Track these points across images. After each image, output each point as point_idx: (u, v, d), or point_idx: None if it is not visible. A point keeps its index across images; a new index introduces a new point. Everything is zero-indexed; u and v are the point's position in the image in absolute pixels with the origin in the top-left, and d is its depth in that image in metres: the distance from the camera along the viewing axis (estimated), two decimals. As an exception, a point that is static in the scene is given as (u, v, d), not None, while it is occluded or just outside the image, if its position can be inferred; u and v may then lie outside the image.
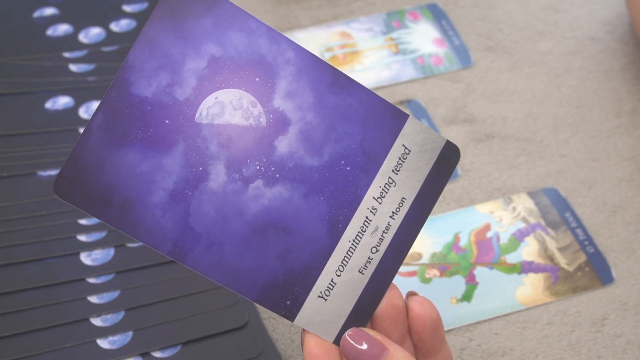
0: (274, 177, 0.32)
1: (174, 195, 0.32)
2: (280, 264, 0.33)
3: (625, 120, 0.56)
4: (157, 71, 0.31)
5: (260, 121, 0.32)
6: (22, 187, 0.52)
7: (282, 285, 0.33)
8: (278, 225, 0.32)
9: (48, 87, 0.57)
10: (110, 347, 0.44)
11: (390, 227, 0.33)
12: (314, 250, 0.33)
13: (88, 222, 0.50)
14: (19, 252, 0.48)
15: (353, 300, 0.33)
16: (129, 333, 0.45)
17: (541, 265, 0.48)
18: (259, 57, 0.32)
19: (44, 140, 0.54)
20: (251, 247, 0.32)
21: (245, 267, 0.32)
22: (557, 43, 0.62)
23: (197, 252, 0.32)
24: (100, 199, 0.31)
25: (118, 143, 0.31)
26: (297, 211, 0.33)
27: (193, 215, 0.32)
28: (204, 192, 0.32)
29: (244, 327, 0.45)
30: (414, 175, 0.33)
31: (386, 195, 0.33)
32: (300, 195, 0.33)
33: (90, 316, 0.46)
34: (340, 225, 0.33)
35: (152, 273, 0.47)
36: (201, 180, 0.32)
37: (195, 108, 0.31)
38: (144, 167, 0.31)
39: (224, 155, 0.32)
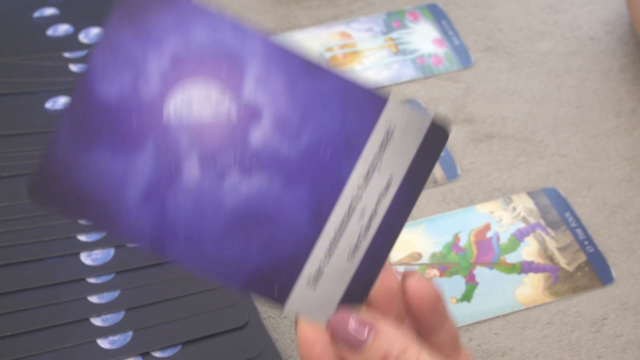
0: (249, 170, 0.32)
1: (148, 194, 0.31)
2: (264, 254, 0.32)
3: (625, 120, 0.56)
4: (120, 73, 0.31)
5: (231, 114, 0.32)
6: (22, 187, 0.51)
7: (269, 275, 0.32)
8: (259, 216, 0.32)
9: (48, 87, 0.57)
10: (110, 347, 0.44)
11: (377, 212, 0.33)
12: (298, 239, 0.32)
13: (88, 222, 0.50)
14: (19, 252, 0.48)
15: (343, 286, 0.33)
16: (129, 333, 0.45)
17: (541, 265, 0.48)
18: (224, 50, 0.31)
19: (44, 140, 0.54)
20: (232, 239, 0.32)
21: (227, 259, 0.32)
22: (557, 43, 0.62)
23: (177, 247, 0.32)
24: (74, 202, 0.31)
25: (86, 147, 0.31)
26: (277, 202, 0.32)
27: (169, 213, 0.32)
28: (178, 190, 0.32)
29: (244, 327, 0.45)
30: (399, 158, 0.32)
31: (371, 180, 0.32)
32: (279, 186, 0.32)
33: (90, 316, 0.46)
34: (324, 213, 0.32)
35: (152, 273, 0.47)
36: (174, 178, 0.31)
37: (162, 107, 0.31)
38: (115, 169, 0.31)
39: (196, 152, 0.32)
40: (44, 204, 0.32)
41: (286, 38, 0.62)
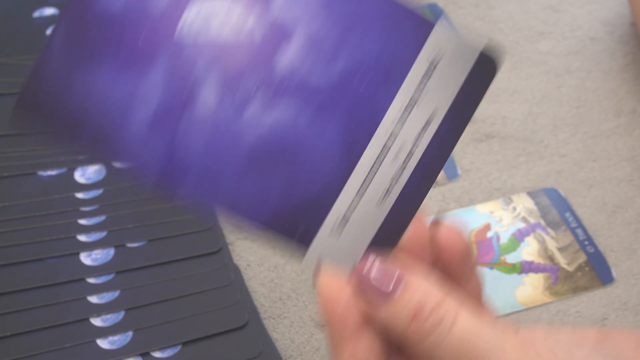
0: (274, 99, 0.28)
1: (156, 122, 0.28)
2: (288, 194, 0.29)
3: (625, 120, 0.56)
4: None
5: (256, 33, 0.28)
6: (22, 187, 0.52)
7: (291, 217, 0.29)
8: (283, 152, 0.28)
9: (48, 87, 0.57)
10: (110, 347, 0.44)
11: (414, 152, 0.29)
12: (326, 178, 0.29)
13: (88, 222, 0.50)
14: (18, 252, 0.48)
15: (371, 233, 0.29)
16: (128, 333, 0.45)
17: (541, 265, 0.48)
18: None
19: (44, 140, 0.54)
20: (252, 178, 0.28)
21: (245, 199, 0.29)
22: (557, 43, 0.62)
23: (189, 183, 0.28)
24: (68, 124, 0.28)
25: (84, 63, 0.27)
26: (304, 135, 0.28)
27: (180, 145, 0.28)
28: (191, 122, 0.28)
29: (244, 327, 0.45)
30: (443, 92, 0.29)
31: (409, 116, 0.29)
32: (307, 118, 0.28)
33: (90, 316, 0.46)
34: (355, 151, 0.29)
35: (152, 273, 0.47)
36: (186, 107, 0.28)
37: (174, 23, 0.27)
38: (117, 93, 0.27)
39: (212, 78, 0.28)
40: (33, 122, 0.28)
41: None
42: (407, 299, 0.28)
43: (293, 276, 0.48)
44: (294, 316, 0.46)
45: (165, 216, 0.50)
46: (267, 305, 0.47)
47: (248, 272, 0.48)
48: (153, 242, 0.49)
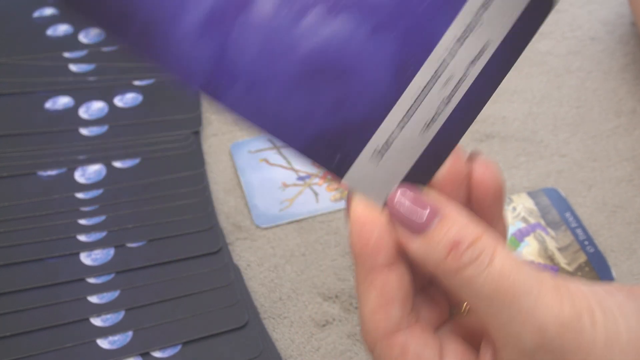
0: (332, 13, 0.27)
1: (209, 22, 0.27)
2: (334, 112, 0.28)
3: (625, 120, 0.56)
4: None
5: None
6: (22, 187, 0.52)
7: (334, 137, 0.28)
8: (335, 67, 0.28)
9: (48, 87, 0.57)
10: (110, 347, 0.44)
11: (466, 77, 0.28)
12: (374, 98, 0.28)
13: (88, 222, 0.50)
14: (19, 252, 0.48)
15: (412, 160, 0.29)
16: (129, 333, 0.45)
17: (541, 265, 0.48)
18: None
19: (44, 140, 0.54)
20: (300, 92, 0.28)
21: (291, 113, 0.28)
22: (557, 43, 0.62)
23: (236, 91, 0.27)
24: (116, 17, 0.26)
25: None
26: (359, 51, 0.28)
27: (231, 50, 0.27)
28: (247, 23, 0.27)
29: (244, 327, 0.45)
30: (499, 22, 0.28)
31: (467, 39, 0.28)
32: (365, 33, 0.27)
33: (90, 316, 0.46)
34: (407, 73, 0.28)
35: (152, 273, 0.47)
36: (242, 10, 0.27)
37: None
38: None
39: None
40: (77, 9, 0.26)
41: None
42: (444, 232, 0.28)
43: (293, 276, 0.48)
44: (294, 316, 0.47)
45: (165, 216, 0.50)
46: (267, 305, 0.47)
47: (248, 272, 0.48)
48: (153, 242, 0.49)
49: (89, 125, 0.55)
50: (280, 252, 0.49)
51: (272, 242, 0.50)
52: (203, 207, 0.51)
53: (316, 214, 0.51)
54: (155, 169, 0.53)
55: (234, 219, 0.51)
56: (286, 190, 0.52)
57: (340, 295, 0.47)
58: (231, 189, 0.53)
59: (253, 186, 0.52)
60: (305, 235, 0.50)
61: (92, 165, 0.53)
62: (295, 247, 0.50)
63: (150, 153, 0.54)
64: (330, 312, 0.47)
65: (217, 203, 0.52)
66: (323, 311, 0.47)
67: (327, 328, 0.46)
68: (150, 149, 0.54)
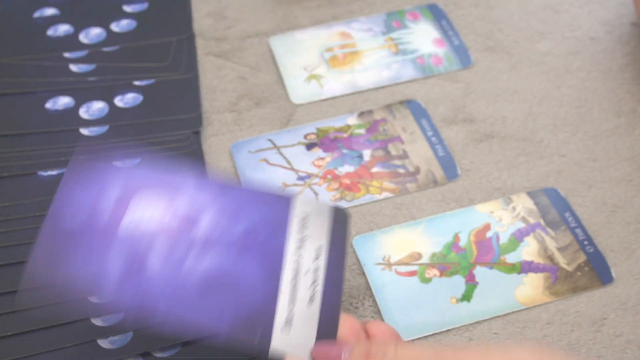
0: (203, 251, 0.39)
1: (122, 283, 0.38)
2: (238, 309, 0.38)
3: (624, 120, 0.56)
4: (76, 212, 0.40)
5: (174, 224, 0.40)
6: (23, 187, 0.52)
7: (246, 327, 0.38)
8: (222, 283, 0.39)
9: (48, 87, 0.57)
10: (110, 347, 0.45)
11: (318, 267, 0.40)
12: (261, 296, 0.39)
13: (88, 222, 0.50)
14: (19, 252, 0.48)
15: (314, 327, 0.39)
16: (129, 333, 0.45)
17: (541, 265, 0.48)
18: (158, 183, 0.41)
19: (44, 140, 0.54)
20: (206, 304, 0.38)
21: (206, 320, 0.38)
22: (557, 43, 0.62)
23: (159, 317, 0.38)
24: (62, 295, 0.39)
25: (62, 262, 0.39)
26: (235, 270, 0.39)
27: (145, 295, 0.38)
28: (147, 279, 0.39)
29: (244, 326, 0.45)
30: (319, 232, 0.41)
31: (304, 249, 0.40)
32: (231, 260, 0.39)
33: (90, 316, 0.46)
34: (275, 274, 0.39)
35: (152, 273, 0.48)
36: (140, 271, 0.39)
37: (116, 228, 0.39)
38: (89, 273, 0.39)
39: (153, 252, 0.39)
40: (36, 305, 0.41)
41: (286, 38, 0.62)
42: (357, 353, 0.37)
43: (293, 276, 0.48)
44: (294, 316, 0.47)
45: (166, 216, 0.50)
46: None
47: (248, 272, 0.48)
48: (153, 242, 0.49)
49: (90, 126, 0.55)
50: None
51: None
52: (203, 207, 0.51)
53: (316, 214, 0.51)
54: (156, 169, 0.53)
55: (234, 219, 0.51)
56: (286, 190, 0.52)
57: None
58: (231, 189, 0.53)
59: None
60: (305, 235, 0.50)
61: (92, 165, 0.53)
62: (295, 247, 0.50)
63: (151, 153, 0.54)
64: (330, 312, 0.47)
65: (217, 203, 0.52)
66: (323, 311, 0.47)
67: (327, 328, 0.46)
68: (150, 149, 0.54)
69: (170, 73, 0.59)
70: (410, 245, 0.49)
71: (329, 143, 0.55)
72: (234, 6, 0.65)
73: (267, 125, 0.56)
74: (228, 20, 0.63)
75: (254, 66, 0.60)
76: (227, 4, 0.65)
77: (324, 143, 0.55)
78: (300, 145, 0.55)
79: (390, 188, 0.52)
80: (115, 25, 0.62)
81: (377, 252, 0.49)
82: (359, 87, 0.58)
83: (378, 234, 0.50)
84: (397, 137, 0.55)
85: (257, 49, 0.61)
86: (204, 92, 0.58)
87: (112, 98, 0.57)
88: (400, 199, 0.52)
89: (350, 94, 0.58)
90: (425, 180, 0.53)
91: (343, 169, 0.53)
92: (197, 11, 0.64)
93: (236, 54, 0.61)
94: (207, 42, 0.62)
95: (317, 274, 0.40)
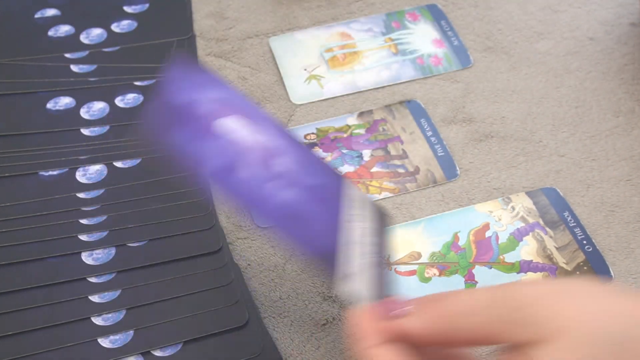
0: (281, 183, 0.39)
1: (216, 174, 0.39)
2: (311, 243, 0.39)
3: (623, 120, 0.57)
4: (181, 91, 0.41)
5: (257, 148, 0.40)
6: (24, 187, 0.52)
7: (329, 258, 0.38)
8: (297, 215, 0.39)
9: (49, 87, 0.58)
10: (111, 346, 0.45)
11: (366, 242, 0.40)
12: (330, 243, 0.39)
13: (89, 221, 0.50)
14: (20, 251, 0.48)
15: (372, 288, 0.38)
16: (129, 332, 0.45)
17: (540, 265, 0.49)
18: (247, 110, 0.42)
19: (45, 141, 0.54)
20: (284, 227, 0.39)
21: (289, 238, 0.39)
22: (556, 43, 0.62)
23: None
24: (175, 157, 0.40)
25: (173, 128, 0.40)
26: (308, 209, 0.40)
27: (236, 194, 0.39)
28: (238, 180, 0.39)
29: (245, 326, 0.46)
30: (364, 214, 0.42)
31: (352, 221, 0.40)
32: (306, 199, 0.40)
33: (91, 315, 0.46)
34: (338, 229, 0.39)
35: (152, 272, 0.48)
36: (231, 171, 0.39)
37: (211, 124, 0.40)
38: (192, 149, 0.39)
39: (241, 161, 0.39)
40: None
41: (286, 38, 0.62)
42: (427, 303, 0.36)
43: (293, 276, 0.49)
44: (294, 315, 0.47)
45: (166, 216, 0.50)
46: (267, 305, 0.47)
47: (248, 272, 0.49)
48: (154, 242, 0.49)
49: (90, 126, 0.55)
50: (280, 252, 0.50)
51: (272, 242, 0.50)
52: (204, 207, 0.51)
53: (316, 214, 0.51)
54: (156, 169, 0.53)
55: (234, 218, 0.51)
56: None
57: (339, 295, 0.47)
58: (231, 189, 0.53)
59: (253, 186, 0.53)
60: (305, 234, 0.50)
61: (93, 165, 0.53)
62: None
63: (151, 153, 0.54)
64: (330, 312, 0.47)
65: (217, 203, 0.52)
66: (323, 310, 0.47)
67: (326, 327, 0.46)
68: (151, 149, 0.54)
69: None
70: (409, 245, 0.50)
71: (329, 143, 0.55)
72: (234, 7, 0.65)
73: (267, 125, 0.56)
74: (228, 20, 0.64)
75: (254, 66, 0.60)
76: (227, 5, 0.65)
77: (324, 143, 0.55)
78: (300, 145, 0.55)
79: (389, 188, 0.53)
80: (116, 25, 0.62)
81: (376, 252, 0.49)
82: (358, 87, 0.59)
83: (378, 233, 0.50)
84: (397, 137, 0.55)
85: (257, 50, 0.62)
86: (205, 93, 0.59)
87: (113, 98, 0.57)
88: (399, 198, 0.52)
89: (350, 94, 0.58)
90: (424, 180, 0.53)
91: (343, 169, 0.54)
92: (197, 12, 0.64)
93: (236, 55, 0.61)
94: (208, 42, 0.62)
95: (366, 247, 0.40)
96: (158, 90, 0.41)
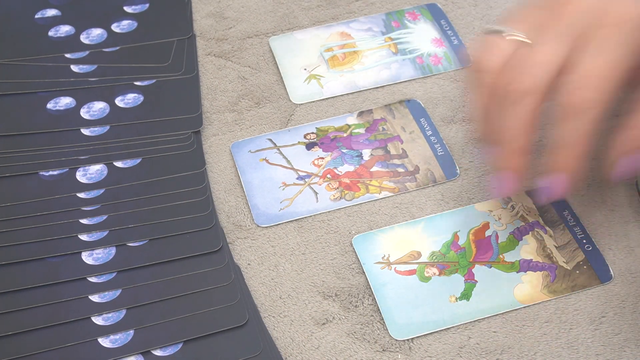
0: None
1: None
2: None
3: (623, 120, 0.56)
4: None
5: None
6: (24, 187, 0.52)
7: None
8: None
9: (50, 87, 0.58)
10: (111, 346, 0.45)
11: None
12: None
13: (89, 221, 0.50)
14: (20, 251, 0.48)
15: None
16: (130, 332, 0.45)
17: (539, 264, 0.49)
18: None
19: (45, 141, 0.55)
20: None
21: None
22: (556, 42, 0.62)
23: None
24: None
25: None
26: None
27: None
28: None
29: (245, 325, 0.46)
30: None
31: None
32: None
33: (91, 315, 0.46)
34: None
35: (153, 272, 0.48)
36: None
37: None
38: None
39: None
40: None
41: (286, 38, 0.62)
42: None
43: (293, 275, 0.49)
44: (294, 315, 0.47)
45: (166, 216, 0.50)
46: (267, 304, 0.47)
47: (248, 271, 0.49)
48: (154, 242, 0.49)
49: (91, 126, 0.56)
50: (280, 251, 0.50)
51: (272, 241, 0.50)
52: (204, 207, 0.51)
53: (316, 213, 0.51)
54: (156, 169, 0.53)
55: (234, 218, 0.51)
56: (286, 189, 0.52)
57: (340, 294, 0.48)
58: (231, 189, 0.53)
59: (253, 186, 0.53)
60: (305, 234, 0.50)
61: (93, 165, 0.53)
62: (295, 246, 0.50)
63: (151, 153, 0.54)
64: (330, 311, 0.47)
65: (217, 202, 0.52)
66: (323, 310, 0.47)
67: (326, 326, 0.46)
68: (151, 149, 0.54)
69: (171, 73, 0.59)
70: (409, 244, 0.50)
71: (329, 142, 0.55)
72: (234, 6, 0.65)
73: (267, 125, 0.57)
74: (228, 20, 0.64)
75: (254, 66, 0.60)
76: (227, 5, 0.65)
77: (323, 142, 0.55)
78: (300, 145, 0.55)
79: (389, 187, 0.53)
80: (116, 25, 0.62)
81: (376, 251, 0.49)
82: (358, 87, 0.59)
83: (377, 233, 0.50)
84: (397, 137, 0.55)
85: (257, 49, 0.62)
86: (205, 92, 0.59)
87: (113, 98, 0.57)
88: (399, 198, 0.52)
89: (350, 93, 0.58)
90: (424, 179, 0.53)
91: (343, 169, 0.54)
92: (197, 12, 0.64)
93: (236, 54, 0.61)
94: (208, 42, 0.62)
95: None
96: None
